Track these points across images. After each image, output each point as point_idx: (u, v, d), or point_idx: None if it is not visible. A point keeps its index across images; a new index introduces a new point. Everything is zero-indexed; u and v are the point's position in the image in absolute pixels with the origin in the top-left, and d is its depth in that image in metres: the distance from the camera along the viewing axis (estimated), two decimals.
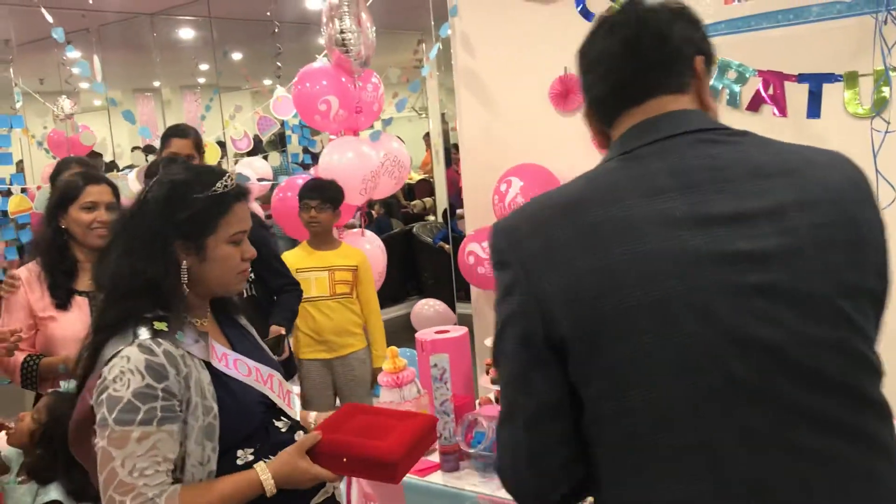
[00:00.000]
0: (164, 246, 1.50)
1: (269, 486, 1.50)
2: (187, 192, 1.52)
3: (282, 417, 1.65)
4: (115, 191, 2.55)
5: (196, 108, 10.24)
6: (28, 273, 2.49)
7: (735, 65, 2.82)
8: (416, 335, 2.46)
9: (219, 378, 1.53)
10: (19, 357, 2.42)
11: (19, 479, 2.18)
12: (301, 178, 3.94)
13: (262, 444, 1.56)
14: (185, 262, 1.52)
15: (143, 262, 1.49)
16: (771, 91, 2.76)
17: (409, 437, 1.63)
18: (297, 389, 1.76)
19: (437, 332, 2.45)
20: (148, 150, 6.86)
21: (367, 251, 3.74)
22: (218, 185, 1.53)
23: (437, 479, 2.18)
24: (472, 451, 2.15)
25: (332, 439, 1.58)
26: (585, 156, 3.34)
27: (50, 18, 3.69)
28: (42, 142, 6.43)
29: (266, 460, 1.54)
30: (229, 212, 1.55)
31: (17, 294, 2.47)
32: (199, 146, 3.20)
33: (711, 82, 2.83)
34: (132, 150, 9.70)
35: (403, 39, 8.69)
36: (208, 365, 1.52)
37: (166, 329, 1.48)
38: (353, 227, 4.32)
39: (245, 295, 2.97)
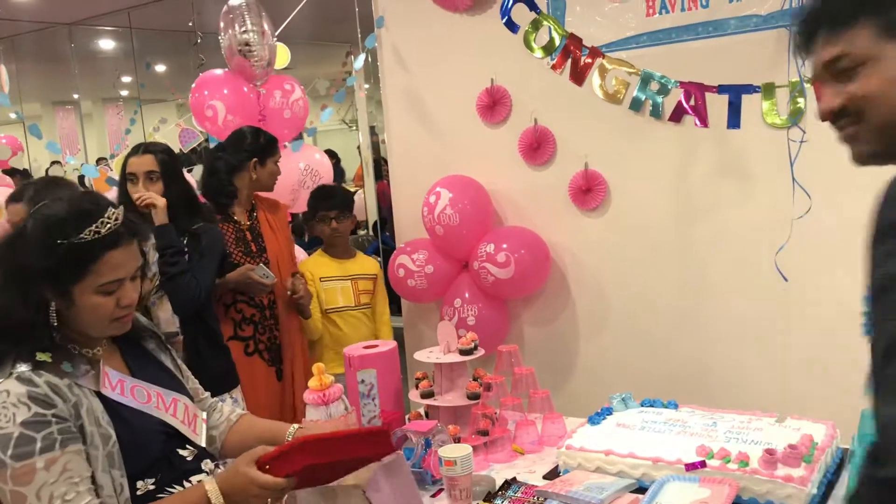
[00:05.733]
0: (32, 286, 1.41)
1: (216, 497, 1.41)
2: (55, 234, 1.40)
3: (187, 446, 1.58)
4: None
5: (119, 122, 9.96)
6: None
7: (657, 76, 2.86)
8: (344, 350, 2.40)
9: (111, 406, 1.47)
10: None
11: None
12: None
13: (164, 474, 1.48)
14: (53, 303, 1.43)
15: (10, 301, 1.41)
16: (693, 102, 2.80)
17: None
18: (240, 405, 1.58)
19: (366, 347, 2.40)
20: (14, 172, 6.63)
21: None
22: (86, 232, 1.40)
23: None
24: None
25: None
26: (512, 167, 3.38)
27: None
28: None
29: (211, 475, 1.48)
30: (99, 260, 1.42)
31: None
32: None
33: (634, 93, 2.92)
34: (50, 165, 9.38)
35: (332, 51, 8.62)
36: (99, 394, 1.46)
37: (50, 360, 1.41)
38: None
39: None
